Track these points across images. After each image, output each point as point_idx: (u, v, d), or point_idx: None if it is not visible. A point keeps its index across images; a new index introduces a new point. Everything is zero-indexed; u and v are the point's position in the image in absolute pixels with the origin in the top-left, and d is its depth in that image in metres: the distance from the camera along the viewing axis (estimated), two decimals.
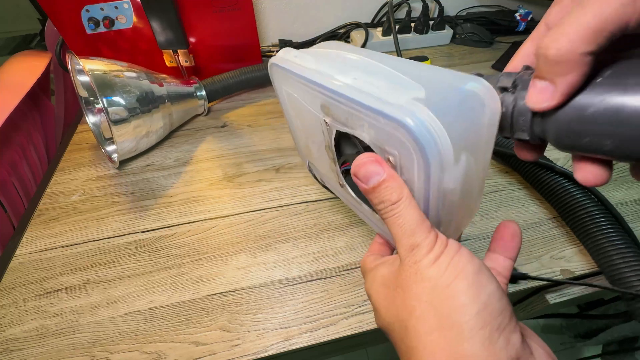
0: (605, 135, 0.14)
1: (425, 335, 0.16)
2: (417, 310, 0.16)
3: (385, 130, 0.18)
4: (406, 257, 0.18)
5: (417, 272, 0.17)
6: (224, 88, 0.57)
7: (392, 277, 0.19)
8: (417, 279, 0.17)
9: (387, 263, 0.20)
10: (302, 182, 0.45)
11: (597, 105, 0.14)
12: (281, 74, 0.26)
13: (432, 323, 0.16)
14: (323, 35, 0.74)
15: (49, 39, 0.62)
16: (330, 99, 0.21)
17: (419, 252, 0.17)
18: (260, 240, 0.38)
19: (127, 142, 0.44)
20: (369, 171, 0.19)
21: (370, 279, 0.21)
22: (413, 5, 0.72)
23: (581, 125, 0.15)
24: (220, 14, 0.56)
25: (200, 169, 0.48)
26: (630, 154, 0.14)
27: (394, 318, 0.18)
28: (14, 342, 0.32)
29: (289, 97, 0.28)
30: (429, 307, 0.16)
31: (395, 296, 0.18)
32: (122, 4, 0.53)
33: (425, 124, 0.15)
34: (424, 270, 0.17)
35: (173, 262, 0.37)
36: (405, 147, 0.17)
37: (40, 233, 0.41)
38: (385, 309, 0.19)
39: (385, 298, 0.19)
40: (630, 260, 0.30)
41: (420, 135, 0.16)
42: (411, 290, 0.17)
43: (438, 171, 0.16)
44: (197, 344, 0.31)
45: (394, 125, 0.17)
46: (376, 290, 0.20)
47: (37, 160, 0.60)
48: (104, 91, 0.41)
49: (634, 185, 0.41)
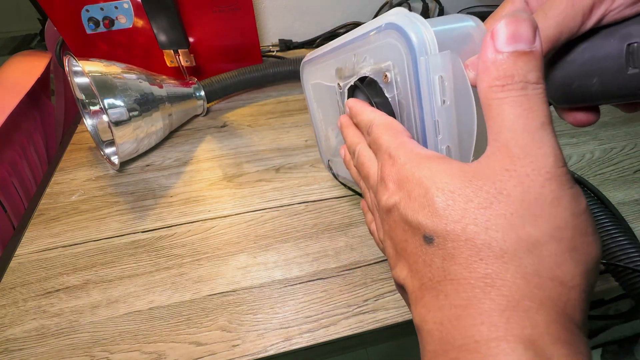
0: (590, 75, 0.17)
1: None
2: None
3: (380, 45, 0.20)
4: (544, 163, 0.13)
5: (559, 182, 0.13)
6: (222, 88, 0.57)
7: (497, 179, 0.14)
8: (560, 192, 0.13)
9: (460, 162, 0.16)
10: (302, 182, 0.45)
11: (580, 56, 0.18)
12: (309, 69, 0.32)
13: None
14: (323, 35, 0.74)
15: (49, 39, 0.62)
16: (340, 56, 0.26)
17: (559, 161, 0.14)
18: (260, 240, 0.38)
19: (128, 144, 0.44)
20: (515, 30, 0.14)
21: (433, 166, 0.16)
22: (413, 5, 0.72)
23: (571, 72, 0.18)
24: (220, 14, 0.56)
25: (200, 169, 0.48)
26: (614, 89, 0.17)
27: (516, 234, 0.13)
28: (14, 342, 0.32)
29: (313, 89, 0.33)
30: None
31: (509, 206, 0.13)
32: (122, 4, 0.53)
33: (408, 17, 0.18)
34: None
35: (173, 262, 0.37)
36: (395, 48, 0.19)
37: (40, 233, 0.41)
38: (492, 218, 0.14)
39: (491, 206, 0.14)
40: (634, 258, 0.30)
41: (402, 24, 0.18)
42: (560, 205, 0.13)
43: (423, 54, 0.18)
44: (197, 344, 0.31)
45: (385, 34, 0.20)
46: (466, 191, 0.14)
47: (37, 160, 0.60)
48: (104, 93, 0.41)
49: (634, 186, 0.41)
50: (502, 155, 0.14)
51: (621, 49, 0.16)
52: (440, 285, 0.15)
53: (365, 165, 0.21)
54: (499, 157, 0.14)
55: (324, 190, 0.43)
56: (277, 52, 0.72)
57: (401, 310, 0.32)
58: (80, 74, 0.48)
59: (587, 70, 0.17)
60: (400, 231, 0.17)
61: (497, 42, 0.14)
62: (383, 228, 0.19)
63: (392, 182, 0.18)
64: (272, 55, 0.71)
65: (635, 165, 0.44)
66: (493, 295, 0.13)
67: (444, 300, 0.14)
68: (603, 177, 0.43)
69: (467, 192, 0.14)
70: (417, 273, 0.16)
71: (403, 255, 0.17)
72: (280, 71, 0.58)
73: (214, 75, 0.57)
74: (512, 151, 0.14)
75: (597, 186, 0.35)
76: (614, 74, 0.16)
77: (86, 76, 0.41)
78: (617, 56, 0.16)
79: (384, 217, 0.19)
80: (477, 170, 0.14)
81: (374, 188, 0.20)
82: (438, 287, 0.15)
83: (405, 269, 0.17)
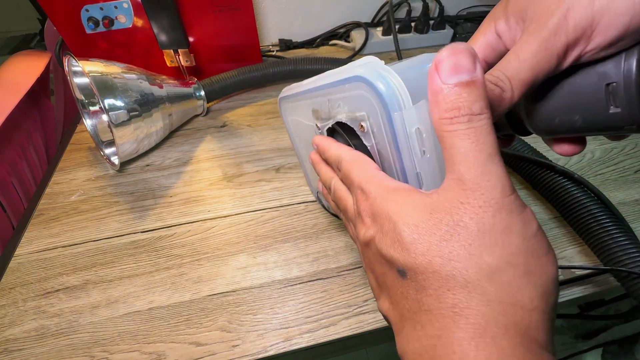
0: (572, 112, 0.17)
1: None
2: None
3: (352, 95, 0.20)
4: (483, 190, 0.14)
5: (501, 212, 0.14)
6: (222, 88, 0.56)
7: (445, 209, 0.15)
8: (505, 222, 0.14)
9: (423, 192, 0.17)
10: (302, 182, 0.45)
11: (561, 92, 0.18)
12: (286, 106, 0.31)
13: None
14: (323, 35, 0.74)
15: (48, 39, 0.62)
16: (315, 98, 0.25)
17: (506, 190, 0.14)
18: (260, 241, 0.38)
19: (128, 144, 0.44)
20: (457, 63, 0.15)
21: (399, 199, 0.17)
22: (413, 4, 0.72)
23: (553, 108, 0.18)
24: (220, 14, 0.56)
25: (200, 169, 0.48)
26: (597, 126, 0.17)
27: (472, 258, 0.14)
28: (14, 342, 0.31)
29: (293, 125, 0.32)
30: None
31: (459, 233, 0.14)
32: (122, 4, 0.53)
33: (376, 69, 0.18)
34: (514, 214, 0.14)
35: (173, 262, 0.37)
36: (368, 101, 0.19)
37: (39, 233, 0.40)
38: (443, 242, 0.15)
39: (438, 230, 0.15)
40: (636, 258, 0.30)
41: (370, 77, 0.18)
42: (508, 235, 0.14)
43: (397, 109, 0.17)
44: (197, 345, 0.30)
45: (354, 85, 0.19)
46: (419, 217, 0.15)
47: (37, 160, 0.60)
48: (104, 93, 0.41)
49: (634, 186, 0.41)
50: (457, 188, 0.15)
51: (600, 88, 0.16)
52: (417, 316, 0.15)
53: (342, 199, 0.22)
54: (454, 190, 0.15)
55: None
56: (277, 52, 0.72)
57: None
58: (80, 74, 0.48)
59: (569, 107, 0.18)
60: (378, 265, 0.18)
61: (442, 74, 0.15)
62: (364, 261, 0.20)
63: (368, 217, 0.18)
64: (272, 55, 0.71)
65: (635, 165, 0.44)
66: (462, 324, 0.14)
67: (421, 331, 0.15)
68: (603, 177, 0.43)
69: (429, 225, 0.15)
70: (397, 305, 0.17)
71: (384, 287, 0.18)
72: (280, 71, 0.58)
73: (214, 75, 0.57)
74: (466, 184, 0.15)
75: (598, 186, 0.35)
76: (595, 112, 0.17)
77: (86, 76, 0.41)
78: (597, 96, 0.16)
79: (364, 251, 0.19)
80: (436, 203, 0.15)
81: (353, 221, 0.21)
82: (415, 318, 0.16)
83: (387, 301, 0.18)
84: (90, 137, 0.51)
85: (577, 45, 0.16)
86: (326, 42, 0.75)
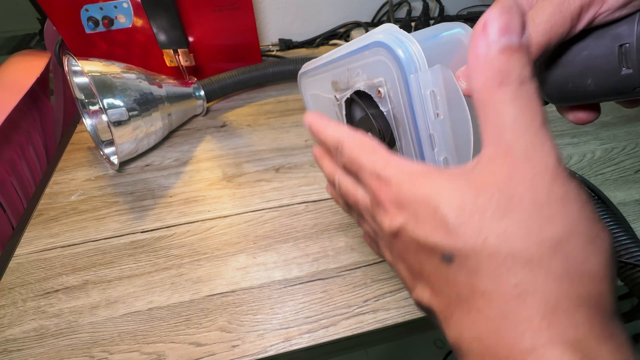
0: (585, 76, 0.17)
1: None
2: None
3: (370, 62, 0.21)
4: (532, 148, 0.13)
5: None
6: (222, 88, 0.56)
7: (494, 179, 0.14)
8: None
9: (459, 169, 0.15)
10: (302, 182, 0.45)
11: (573, 57, 0.18)
12: (306, 81, 0.32)
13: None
14: (323, 35, 0.74)
15: (48, 39, 0.62)
16: (334, 69, 0.26)
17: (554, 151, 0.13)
18: (260, 241, 0.38)
19: (127, 144, 0.44)
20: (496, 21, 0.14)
21: (435, 181, 0.15)
22: (413, 4, 0.72)
23: (566, 73, 0.18)
24: (219, 13, 0.56)
25: (200, 169, 0.48)
26: (609, 89, 0.17)
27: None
28: (14, 343, 0.31)
29: (312, 100, 0.33)
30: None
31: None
32: (122, 4, 0.53)
33: (395, 35, 0.19)
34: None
35: (172, 263, 0.37)
36: (386, 66, 0.19)
37: (39, 233, 0.40)
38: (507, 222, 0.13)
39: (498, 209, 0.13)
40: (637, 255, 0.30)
41: (389, 42, 0.19)
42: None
43: (413, 72, 0.18)
44: (197, 345, 0.30)
45: (373, 51, 0.20)
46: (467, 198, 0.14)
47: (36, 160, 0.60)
48: (103, 93, 0.41)
49: (635, 186, 0.41)
50: (505, 160, 0.14)
51: (613, 50, 0.16)
52: (470, 301, 0.14)
53: (350, 193, 0.20)
54: (501, 163, 0.14)
55: (324, 190, 0.43)
56: (277, 51, 0.72)
57: (401, 310, 0.32)
58: (80, 73, 0.48)
59: (581, 71, 0.18)
60: (412, 254, 0.16)
61: (490, 35, 0.13)
62: (391, 252, 0.19)
63: (391, 205, 0.17)
64: (272, 54, 0.71)
65: (636, 165, 0.44)
66: (529, 303, 0.13)
67: (476, 315, 0.14)
68: (604, 177, 0.43)
69: (478, 204, 0.14)
70: (442, 292, 0.15)
71: (421, 277, 0.16)
72: (280, 71, 0.58)
73: (214, 75, 0.57)
74: (515, 154, 0.13)
75: (598, 186, 0.35)
76: (608, 74, 0.17)
77: (85, 76, 0.41)
78: (609, 57, 0.16)
79: (391, 242, 0.18)
80: (482, 179, 0.14)
81: (370, 212, 0.19)
82: (468, 303, 0.14)
83: (426, 290, 0.16)
84: (89, 137, 0.51)
85: (591, 6, 0.15)
86: (326, 41, 0.75)
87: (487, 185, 0.14)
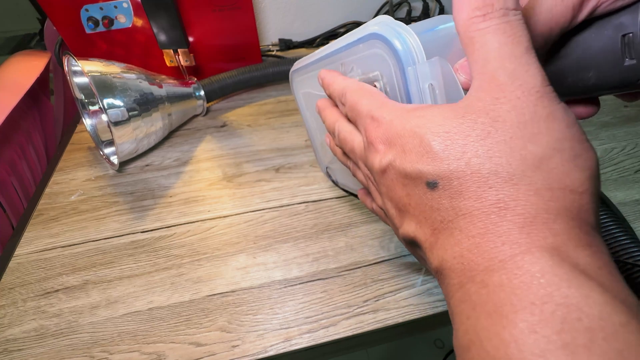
0: (586, 68, 0.17)
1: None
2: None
3: (365, 55, 0.20)
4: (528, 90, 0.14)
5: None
6: (222, 88, 0.56)
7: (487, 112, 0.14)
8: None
9: (449, 104, 0.16)
10: (302, 182, 0.45)
11: (574, 48, 0.17)
12: (298, 79, 0.31)
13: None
14: (323, 35, 0.74)
15: (48, 39, 0.62)
16: (327, 65, 0.25)
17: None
18: (260, 241, 0.38)
19: (127, 144, 0.44)
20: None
21: (424, 114, 0.16)
22: (413, 4, 0.72)
23: (565, 66, 0.18)
24: (219, 13, 0.56)
25: (200, 169, 0.48)
26: (611, 81, 0.16)
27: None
28: (14, 343, 0.31)
29: (304, 98, 0.32)
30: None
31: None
32: (122, 4, 0.53)
33: (391, 26, 0.18)
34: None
35: (172, 263, 0.37)
36: (382, 59, 0.19)
37: (39, 233, 0.40)
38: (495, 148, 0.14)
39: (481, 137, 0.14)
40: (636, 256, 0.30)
41: (386, 34, 0.18)
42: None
43: (411, 64, 0.17)
44: (197, 345, 0.30)
45: (369, 44, 0.19)
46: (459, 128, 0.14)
47: (37, 160, 0.60)
48: (103, 93, 0.41)
49: (635, 186, 0.41)
50: (490, 86, 0.14)
51: (616, 40, 0.16)
52: (453, 223, 0.15)
53: (347, 140, 0.21)
54: (487, 89, 0.14)
55: (324, 190, 0.43)
56: (277, 51, 0.72)
57: (401, 310, 0.32)
58: (80, 73, 0.48)
59: (581, 64, 0.17)
60: (399, 188, 0.17)
61: None
62: (380, 192, 0.19)
63: (381, 143, 0.17)
64: (272, 54, 0.71)
65: (636, 165, 0.44)
66: (509, 216, 0.13)
67: (459, 235, 0.14)
68: (604, 177, 0.43)
69: (463, 128, 0.14)
70: (427, 220, 0.16)
71: (407, 210, 0.17)
72: (280, 70, 0.58)
73: (214, 75, 0.57)
74: (500, 79, 0.14)
75: None
76: (610, 66, 0.16)
77: (85, 76, 0.41)
78: (612, 48, 0.16)
79: (380, 180, 0.18)
80: (467, 105, 0.15)
81: (363, 156, 0.20)
82: (451, 225, 0.15)
83: (412, 222, 0.17)
84: (89, 137, 0.51)
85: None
86: (326, 41, 0.75)
87: (472, 110, 0.14)
